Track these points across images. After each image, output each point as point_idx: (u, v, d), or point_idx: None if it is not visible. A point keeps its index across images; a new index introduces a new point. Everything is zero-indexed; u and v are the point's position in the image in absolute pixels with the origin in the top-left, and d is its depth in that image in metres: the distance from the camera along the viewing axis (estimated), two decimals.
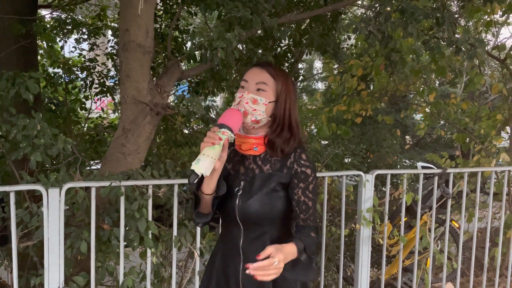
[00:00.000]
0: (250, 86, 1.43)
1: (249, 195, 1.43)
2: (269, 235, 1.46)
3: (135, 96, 2.65)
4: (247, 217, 1.44)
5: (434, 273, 4.30)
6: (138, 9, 2.49)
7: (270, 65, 1.48)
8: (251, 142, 1.46)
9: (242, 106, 1.40)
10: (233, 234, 1.48)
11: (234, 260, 1.48)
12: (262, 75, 1.44)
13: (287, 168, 1.46)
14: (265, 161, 1.47)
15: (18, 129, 2.36)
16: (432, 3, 3.77)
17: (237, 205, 1.44)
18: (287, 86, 1.47)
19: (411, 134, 12.21)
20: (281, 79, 1.45)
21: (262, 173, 1.46)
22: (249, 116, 1.40)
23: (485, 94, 11.36)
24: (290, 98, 1.47)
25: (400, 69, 4.13)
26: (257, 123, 1.43)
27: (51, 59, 5.01)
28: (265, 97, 1.41)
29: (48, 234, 2.11)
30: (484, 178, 3.76)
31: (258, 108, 1.40)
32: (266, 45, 5.17)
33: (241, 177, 1.48)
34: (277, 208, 1.44)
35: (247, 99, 1.41)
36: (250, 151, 1.47)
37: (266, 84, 1.42)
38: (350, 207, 3.28)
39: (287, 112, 1.46)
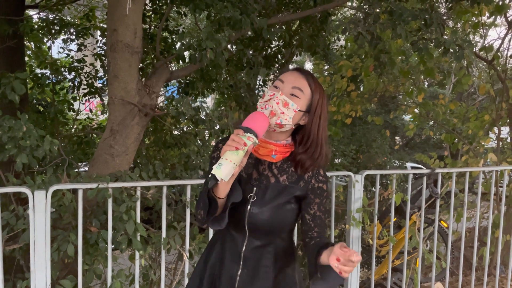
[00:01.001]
0: (285, 88, 1.35)
1: (262, 203, 1.39)
2: (274, 246, 1.44)
3: (123, 97, 2.63)
4: (256, 225, 1.39)
5: (424, 272, 4.33)
6: (126, 9, 2.47)
7: (311, 74, 1.41)
8: (270, 148, 1.40)
9: (271, 105, 1.33)
10: (236, 239, 1.44)
11: (232, 265, 1.43)
12: (300, 81, 1.37)
13: (304, 182, 1.43)
14: (281, 171, 1.43)
15: (4, 130, 2.32)
16: (420, 4, 3.81)
17: (247, 212, 1.39)
18: (323, 101, 1.41)
19: (400, 135, 12.30)
20: (318, 91, 1.39)
21: (278, 183, 1.42)
22: (275, 117, 1.33)
23: (473, 95, 11.49)
24: (324, 115, 1.41)
25: (389, 70, 4.16)
26: (280, 127, 1.36)
27: (38, 60, 4.95)
28: (298, 104, 1.35)
29: (34, 237, 2.08)
30: (472, 178, 3.80)
31: (287, 113, 1.33)
32: (257, 46, 5.17)
33: (254, 182, 1.42)
34: (288, 221, 1.43)
35: (278, 100, 1.33)
36: (267, 157, 1.41)
37: (302, 91, 1.36)
38: (340, 207, 3.29)
39: (321, 129, 1.40)
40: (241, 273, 1.42)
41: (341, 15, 8.04)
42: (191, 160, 3.39)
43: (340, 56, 6.47)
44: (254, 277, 1.42)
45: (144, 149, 4.16)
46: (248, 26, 2.96)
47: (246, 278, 1.42)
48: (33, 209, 2.07)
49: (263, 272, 1.43)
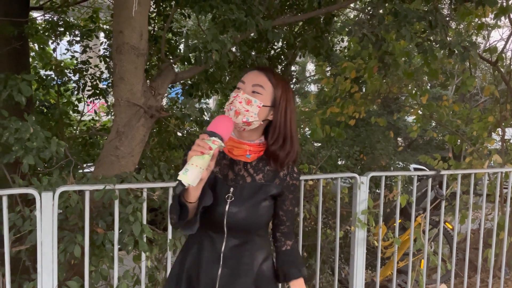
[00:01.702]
0: (247, 87, 1.39)
1: (240, 203, 1.41)
2: (253, 243, 1.47)
3: (129, 98, 2.63)
4: (235, 224, 1.41)
5: (428, 274, 4.32)
6: (132, 11, 2.47)
7: (271, 70, 1.45)
8: (244, 148, 1.42)
9: (235, 105, 1.36)
10: (214, 239, 1.44)
11: (211, 266, 1.44)
12: (260, 78, 1.40)
13: (280, 180, 1.47)
14: (257, 170, 1.45)
15: (10, 132, 2.33)
16: (424, 6, 3.81)
17: (226, 212, 1.40)
18: (287, 95, 1.43)
19: (403, 136, 12.29)
20: (280, 86, 1.42)
21: (254, 182, 1.44)
22: (240, 116, 1.35)
23: (476, 96, 11.49)
24: (290, 107, 1.44)
25: (394, 71, 4.16)
26: (248, 125, 1.38)
27: (42, 62, 4.96)
28: (260, 100, 1.37)
29: (41, 238, 2.08)
30: (476, 180, 3.80)
31: (251, 110, 1.36)
32: (260, 47, 5.17)
33: (231, 183, 1.44)
34: (265, 218, 1.46)
35: (241, 99, 1.36)
36: (242, 157, 1.43)
37: (262, 87, 1.38)
38: (344, 209, 3.29)
39: (288, 122, 1.43)
40: (221, 273, 1.43)
41: (344, 16, 8.03)
42: None
43: (344, 57, 6.46)
44: (235, 276, 1.44)
45: (149, 150, 4.16)
46: (253, 27, 2.96)
47: (227, 277, 1.44)
48: (40, 210, 2.07)
49: (243, 270, 1.45)
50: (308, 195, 3.24)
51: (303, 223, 3.04)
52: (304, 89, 15.24)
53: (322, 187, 2.80)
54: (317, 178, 2.84)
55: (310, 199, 3.19)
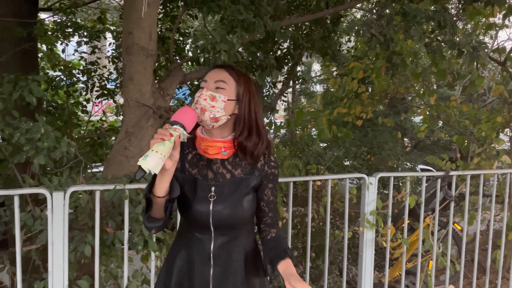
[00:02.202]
0: (210, 85, 1.40)
1: (223, 200, 1.42)
2: (241, 238, 1.48)
3: (138, 99, 2.65)
4: (221, 222, 1.42)
5: (436, 275, 4.30)
6: (142, 12, 2.49)
7: (231, 66, 1.47)
8: (218, 146, 1.42)
9: (200, 103, 1.37)
10: (202, 240, 1.45)
11: (203, 268, 1.45)
12: (222, 74, 1.42)
13: (258, 171, 1.48)
14: (235, 165, 1.46)
15: (21, 132, 2.35)
16: (432, 5, 3.79)
17: (211, 211, 1.41)
18: (250, 88, 1.46)
19: (409, 136, 12.23)
20: (242, 80, 1.44)
21: (234, 177, 1.45)
22: (207, 113, 1.36)
23: (483, 96, 11.40)
24: (254, 100, 1.46)
25: (402, 72, 4.14)
26: (216, 121, 1.39)
27: (51, 62, 4.99)
28: (224, 94, 1.40)
29: (52, 238, 2.10)
30: (484, 180, 3.78)
31: (216, 105, 1.38)
32: (266, 47, 5.17)
33: (211, 182, 1.44)
34: (249, 212, 1.47)
35: (205, 96, 1.38)
36: (218, 155, 1.43)
37: (225, 82, 1.41)
38: (352, 209, 3.28)
39: (252, 114, 1.45)
40: (213, 273, 1.44)
41: (351, 16, 8.02)
42: None
43: (351, 57, 6.45)
44: (227, 273, 1.45)
45: None
46: (261, 28, 2.97)
47: (219, 276, 1.44)
48: (52, 210, 2.09)
49: (234, 266, 1.46)
50: (316, 195, 3.24)
51: (311, 223, 3.04)
52: (310, 89, 15.21)
53: (330, 188, 2.80)
54: (325, 178, 2.84)
55: (318, 200, 3.19)
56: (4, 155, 2.67)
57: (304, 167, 3.55)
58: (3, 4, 3.84)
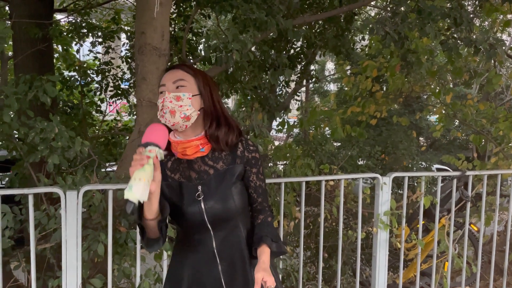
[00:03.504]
0: (169, 87, 1.40)
1: (212, 195, 1.42)
2: (240, 229, 1.47)
3: (151, 98, 2.65)
4: (217, 217, 1.42)
5: (452, 277, 4.23)
6: (154, 12, 2.49)
7: (183, 64, 1.48)
8: (195, 144, 1.42)
9: (167, 106, 1.36)
10: (203, 239, 1.44)
11: (210, 266, 1.45)
12: (177, 73, 1.42)
13: (239, 158, 1.48)
14: (215, 159, 1.46)
15: (36, 132, 2.38)
16: (447, 2, 3.73)
17: (204, 209, 1.41)
18: (207, 80, 1.47)
19: (425, 136, 12.07)
20: (199, 74, 1.45)
21: (217, 171, 1.45)
22: (177, 114, 1.36)
23: (501, 94, 11.19)
24: (215, 91, 1.47)
25: (417, 70, 4.08)
26: (188, 120, 1.39)
27: (66, 63, 5.06)
28: (187, 91, 1.40)
29: (66, 237, 2.12)
30: (501, 180, 3.70)
31: (183, 104, 1.37)
32: (279, 46, 5.15)
33: (196, 181, 1.44)
34: (241, 200, 1.46)
35: (169, 98, 1.37)
36: (197, 154, 1.43)
37: (184, 80, 1.41)
38: (366, 210, 3.25)
39: (216, 104, 1.46)
40: (222, 269, 1.44)
41: (365, 14, 7.94)
42: None
43: (365, 56, 6.39)
44: (235, 266, 1.45)
45: None
46: (273, 27, 2.95)
47: (228, 270, 1.45)
48: (65, 209, 2.11)
49: (239, 257, 1.46)
50: (329, 195, 3.22)
51: (324, 223, 3.02)
52: (323, 88, 15.13)
53: (343, 188, 2.77)
54: (338, 178, 2.81)
55: (331, 200, 3.16)
56: (19, 155, 2.71)
57: (317, 167, 3.52)
58: (19, 6, 3.90)
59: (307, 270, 3.68)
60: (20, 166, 2.96)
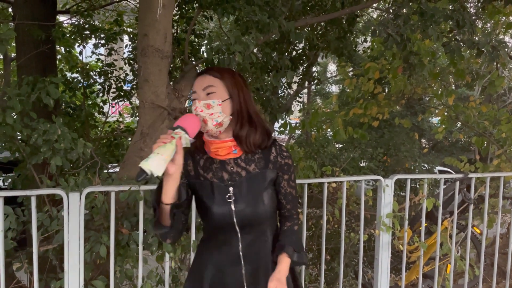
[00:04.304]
0: (200, 94, 1.40)
1: (244, 198, 1.42)
2: (267, 234, 1.48)
3: (153, 100, 2.66)
4: (246, 220, 1.42)
5: (454, 279, 4.22)
6: (157, 14, 2.50)
7: (210, 68, 1.47)
8: (228, 146, 1.43)
9: (199, 116, 1.37)
10: (229, 241, 1.44)
11: (233, 268, 1.45)
12: (205, 79, 1.42)
13: (272, 163, 1.47)
14: (248, 161, 1.46)
15: (39, 133, 2.38)
16: (450, 4, 3.72)
17: (234, 212, 1.41)
18: (236, 81, 1.45)
19: (427, 138, 12.04)
20: (227, 76, 1.44)
21: (249, 173, 1.45)
22: (209, 122, 1.37)
23: (503, 96, 11.16)
24: (243, 91, 1.45)
25: (419, 72, 4.08)
26: (221, 126, 1.40)
27: (69, 64, 5.07)
28: (217, 98, 1.39)
29: (68, 238, 2.12)
30: (504, 182, 3.69)
31: (214, 111, 1.38)
32: (281, 48, 5.15)
33: (228, 183, 1.44)
34: (271, 205, 1.46)
35: (200, 107, 1.38)
36: (230, 155, 1.44)
37: (213, 86, 1.40)
38: (368, 212, 3.24)
39: (243, 105, 1.44)
40: (245, 272, 1.44)
41: (367, 16, 7.94)
42: None
43: (367, 57, 6.38)
44: (259, 270, 1.45)
45: None
46: (276, 29, 2.95)
47: (252, 273, 1.45)
48: (68, 210, 2.11)
49: (264, 262, 1.46)
50: (331, 197, 3.21)
51: (326, 226, 3.01)
52: (325, 90, 15.12)
53: (345, 190, 2.76)
54: (340, 180, 2.81)
55: (333, 202, 3.16)
56: (22, 156, 2.72)
57: (319, 169, 3.52)
58: (22, 7, 3.91)
59: (309, 272, 3.68)
60: (22, 168, 2.97)
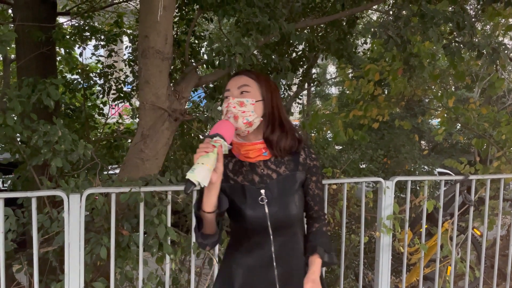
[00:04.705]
0: (234, 92, 1.43)
1: (277, 200, 1.43)
2: (298, 235, 1.50)
3: (154, 102, 2.66)
4: (279, 223, 1.43)
5: (455, 281, 4.22)
6: (158, 16, 2.50)
7: (248, 70, 1.51)
8: (258, 148, 1.45)
9: (231, 112, 1.39)
10: (261, 243, 1.45)
11: (265, 269, 1.45)
12: (241, 79, 1.45)
13: (302, 165, 1.50)
14: (278, 164, 1.47)
15: (39, 135, 2.38)
16: (450, 6, 3.73)
17: (267, 214, 1.42)
18: (270, 85, 1.49)
19: (427, 139, 12.04)
20: (262, 79, 1.47)
21: (280, 175, 1.46)
22: (239, 119, 1.39)
23: (503, 98, 11.17)
24: (276, 96, 1.49)
25: (419, 74, 4.08)
26: (250, 125, 1.41)
27: (69, 66, 5.07)
28: (251, 97, 1.42)
29: (68, 240, 2.12)
30: (504, 184, 3.69)
31: (246, 110, 1.40)
32: (281, 50, 5.15)
33: (259, 185, 1.45)
34: (302, 207, 1.49)
35: (233, 104, 1.40)
36: (260, 157, 1.46)
37: (248, 85, 1.43)
38: (369, 214, 3.24)
39: (275, 110, 1.47)
40: (278, 273, 1.45)
41: (367, 18, 7.95)
42: None
43: (367, 59, 6.39)
44: (291, 272, 1.47)
45: (172, 153, 4.19)
46: (276, 31, 2.95)
47: (285, 275, 1.46)
48: (68, 212, 2.11)
49: (296, 264, 1.48)
50: (332, 199, 3.21)
51: (327, 227, 3.01)
52: (325, 92, 15.12)
53: (346, 192, 2.76)
54: (341, 182, 2.80)
55: (334, 204, 3.16)
56: (22, 157, 2.72)
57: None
58: (22, 9, 3.91)
59: None
60: (23, 169, 2.97)
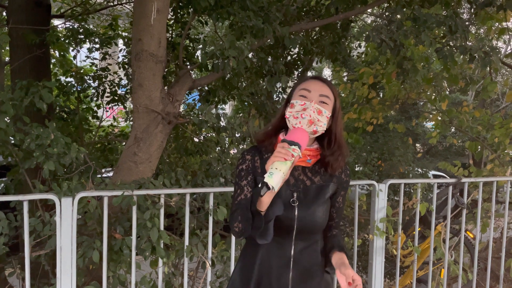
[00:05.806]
0: (314, 96, 1.41)
1: (307, 206, 1.45)
2: (319, 243, 1.52)
3: (147, 105, 2.66)
4: (305, 227, 1.45)
5: (448, 284, 4.23)
6: (151, 19, 2.50)
7: (330, 82, 1.49)
8: (305, 154, 1.45)
9: (308, 114, 1.37)
10: (283, 244, 1.46)
11: (281, 270, 1.46)
12: (325, 89, 1.44)
13: (336, 178, 1.53)
14: (314, 173, 1.50)
15: (32, 138, 2.37)
16: (443, 10, 3.76)
17: (296, 217, 1.43)
18: (340, 106, 1.50)
19: (421, 142, 12.10)
20: (337, 98, 1.47)
21: (314, 184, 1.49)
22: (312, 126, 1.37)
23: (497, 101, 11.25)
24: (341, 117, 1.50)
25: (413, 77, 4.11)
26: (315, 134, 1.41)
27: (63, 68, 5.05)
28: (328, 110, 1.41)
29: (60, 243, 2.11)
30: (497, 187, 3.71)
31: (321, 120, 1.39)
32: (276, 53, 5.17)
33: (292, 188, 1.47)
34: (327, 217, 1.51)
35: (313, 108, 1.38)
36: (302, 163, 1.47)
37: (328, 98, 1.43)
38: (362, 216, 3.25)
39: (338, 130, 1.48)
40: (292, 276, 1.46)
41: (361, 22, 7.99)
42: (212, 168, 3.40)
43: (361, 63, 6.42)
44: (306, 277, 1.48)
45: (166, 156, 4.19)
46: (270, 34, 2.97)
47: (298, 279, 1.47)
48: (60, 215, 2.10)
49: (314, 270, 1.49)
50: None
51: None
52: None
53: None
54: None
55: None
56: (15, 161, 2.70)
57: None
58: (16, 12, 3.90)
59: None
60: (15, 172, 2.95)
